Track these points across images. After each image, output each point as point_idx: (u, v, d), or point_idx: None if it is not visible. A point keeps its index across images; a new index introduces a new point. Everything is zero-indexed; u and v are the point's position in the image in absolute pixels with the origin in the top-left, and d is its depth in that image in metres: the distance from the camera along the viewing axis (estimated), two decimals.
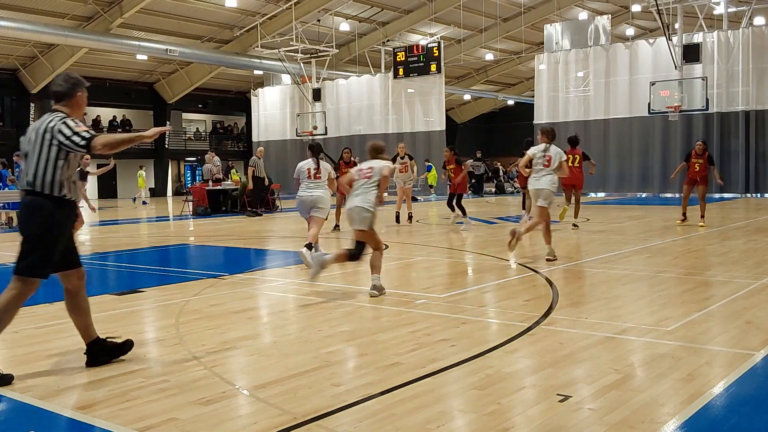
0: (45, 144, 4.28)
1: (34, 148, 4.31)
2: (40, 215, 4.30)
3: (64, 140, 4.24)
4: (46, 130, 4.29)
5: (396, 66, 32.21)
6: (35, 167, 4.27)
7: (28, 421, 3.59)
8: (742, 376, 4.07)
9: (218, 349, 4.90)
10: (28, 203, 4.34)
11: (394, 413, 3.56)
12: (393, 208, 15.73)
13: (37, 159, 4.27)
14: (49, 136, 4.27)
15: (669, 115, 24.28)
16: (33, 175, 4.27)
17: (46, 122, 4.32)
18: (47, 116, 4.38)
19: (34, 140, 4.32)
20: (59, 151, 4.27)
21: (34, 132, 4.35)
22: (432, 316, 5.81)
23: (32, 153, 4.31)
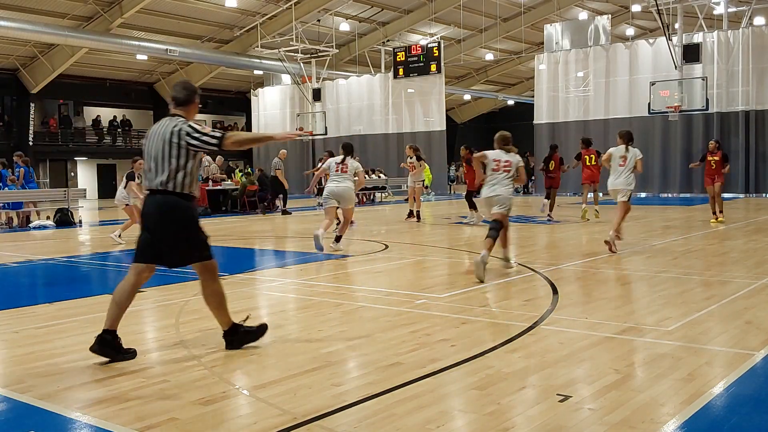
0: (174, 146, 4.62)
1: (162, 151, 4.62)
2: (178, 212, 4.66)
3: (194, 141, 4.61)
4: (173, 133, 4.63)
5: (396, 66, 32.22)
6: (168, 168, 4.60)
7: (28, 421, 3.59)
8: (742, 376, 4.07)
9: (218, 349, 4.90)
10: (163, 202, 4.64)
11: (394, 413, 3.56)
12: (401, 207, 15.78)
13: (168, 161, 4.60)
14: (176, 139, 4.61)
15: (669, 115, 24.28)
16: (166, 176, 4.60)
17: (170, 126, 4.67)
18: (168, 120, 4.75)
19: (161, 144, 4.64)
20: (188, 153, 4.62)
21: (159, 136, 4.68)
22: (432, 316, 5.81)
23: (161, 155, 4.62)
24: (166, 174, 4.61)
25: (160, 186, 4.62)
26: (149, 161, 4.72)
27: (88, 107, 37.88)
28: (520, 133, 53.07)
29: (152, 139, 4.72)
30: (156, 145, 4.67)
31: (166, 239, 4.67)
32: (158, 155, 4.65)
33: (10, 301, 7.20)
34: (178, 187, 4.63)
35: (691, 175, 25.45)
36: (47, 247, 12.64)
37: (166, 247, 4.70)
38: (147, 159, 4.75)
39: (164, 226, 4.67)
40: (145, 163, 4.77)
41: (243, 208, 21.17)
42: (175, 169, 4.61)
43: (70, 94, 35.72)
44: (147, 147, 4.75)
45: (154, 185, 4.65)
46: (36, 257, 11.02)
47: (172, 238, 4.67)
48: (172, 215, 4.66)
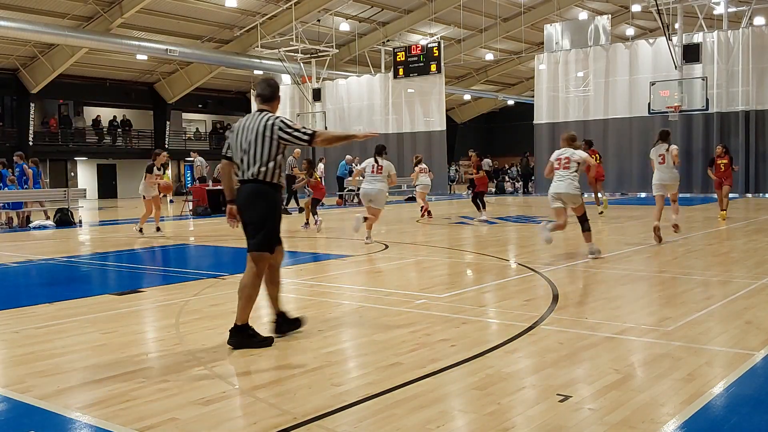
0: (266, 139, 4.89)
1: (254, 143, 4.89)
2: (265, 200, 4.94)
3: (285, 136, 4.89)
4: (266, 127, 4.90)
5: (396, 66, 32.21)
6: (259, 159, 4.87)
7: (28, 421, 3.59)
8: (742, 376, 4.07)
9: (218, 349, 4.90)
10: (253, 191, 4.93)
11: (394, 413, 3.56)
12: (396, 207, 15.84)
13: (260, 152, 4.88)
14: (269, 132, 4.88)
15: (669, 115, 24.27)
16: (258, 167, 4.87)
17: (263, 120, 4.93)
18: (259, 115, 4.99)
19: (253, 137, 4.91)
20: (278, 145, 4.90)
21: (250, 129, 4.94)
22: (432, 316, 5.81)
23: (253, 147, 4.89)
24: (258, 164, 4.88)
25: (252, 176, 4.89)
26: (240, 153, 4.96)
27: (88, 107, 37.88)
28: (520, 133, 52.92)
29: (242, 132, 4.98)
30: (248, 138, 4.93)
31: (253, 223, 4.95)
32: (250, 147, 4.90)
33: (10, 301, 7.20)
34: (268, 176, 4.90)
35: (691, 175, 25.46)
36: (47, 247, 12.65)
37: (251, 230, 4.95)
38: (237, 151, 4.99)
39: (252, 211, 4.95)
40: (236, 155, 5.01)
41: None
42: (267, 160, 4.88)
43: (70, 94, 35.72)
44: (237, 140, 4.99)
45: (247, 175, 4.91)
46: (36, 257, 11.02)
47: (257, 223, 4.94)
48: (260, 201, 4.94)
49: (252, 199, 4.94)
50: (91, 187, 36.57)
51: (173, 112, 38.77)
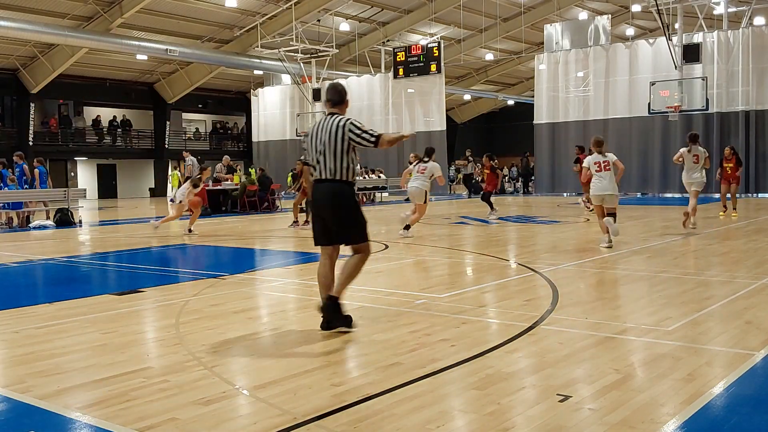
0: (339, 140, 5.22)
1: (328, 144, 5.22)
2: (345, 197, 5.31)
3: (356, 138, 5.22)
4: (338, 128, 5.23)
5: (396, 66, 32.21)
6: (335, 159, 5.22)
7: (28, 421, 3.59)
8: (742, 376, 4.07)
9: (218, 349, 4.90)
10: (332, 190, 5.28)
11: (394, 413, 3.56)
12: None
13: (334, 152, 5.21)
14: (341, 133, 5.21)
15: (669, 115, 24.28)
16: (333, 166, 5.23)
17: (335, 122, 5.27)
18: (330, 117, 5.33)
19: (327, 138, 5.24)
20: (350, 146, 5.22)
21: (325, 132, 5.26)
22: (432, 316, 5.81)
23: (328, 148, 5.23)
24: (334, 164, 5.23)
25: (329, 175, 5.25)
26: (315, 155, 5.31)
27: (88, 107, 37.87)
28: (520, 133, 53.03)
29: (318, 135, 5.32)
30: (322, 140, 5.26)
31: (337, 220, 5.31)
32: (325, 149, 5.25)
33: (10, 301, 7.20)
34: (344, 175, 5.26)
35: None
36: (47, 247, 12.65)
37: (337, 228, 5.32)
38: (313, 153, 5.34)
39: (334, 209, 5.31)
40: (312, 157, 5.36)
41: (243, 208, 21.16)
42: (341, 160, 5.22)
43: (70, 94, 35.71)
44: (312, 143, 5.34)
45: (324, 175, 5.27)
46: (36, 257, 11.02)
47: (341, 220, 5.31)
48: (341, 200, 5.30)
49: (334, 199, 5.29)
50: (91, 187, 36.56)
51: (173, 112, 38.76)
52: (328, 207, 5.33)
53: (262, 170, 23.93)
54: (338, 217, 5.33)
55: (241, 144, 43.12)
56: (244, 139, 42.83)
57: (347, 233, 5.37)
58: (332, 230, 5.35)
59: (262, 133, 37.68)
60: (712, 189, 24.96)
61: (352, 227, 5.36)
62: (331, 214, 5.33)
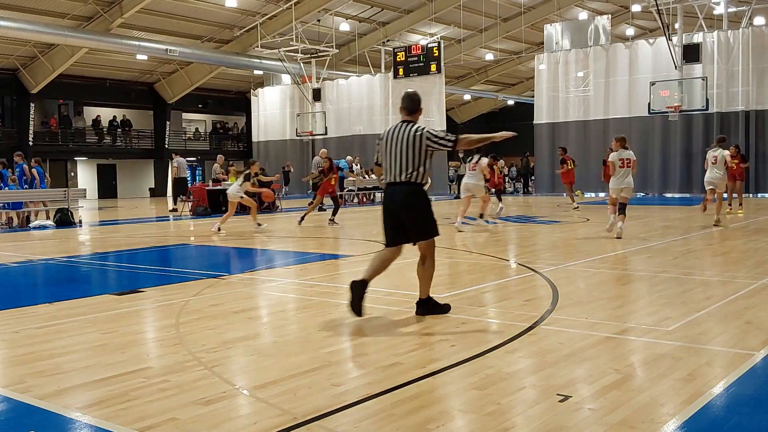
0: (416, 148, 5.62)
1: (405, 151, 5.63)
2: (420, 198, 5.72)
3: (433, 144, 5.65)
4: (416, 136, 5.64)
5: (396, 66, 32.19)
6: (411, 164, 5.63)
7: (28, 421, 3.59)
8: (742, 376, 4.07)
9: (218, 349, 4.90)
10: (409, 192, 5.68)
11: (394, 413, 3.56)
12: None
13: (411, 159, 5.62)
14: (418, 141, 5.61)
15: (669, 115, 24.27)
16: (409, 171, 5.63)
17: (411, 131, 5.68)
18: (406, 126, 5.74)
19: (404, 145, 5.64)
20: (426, 152, 5.64)
21: (400, 139, 5.67)
22: (432, 316, 5.81)
23: (404, 154, 5.62)
24: (410, 169, 5.63)
25: (404, 178, 5.64)
26: (390, 158, 5.70)
27: (88, 107, 37.88)
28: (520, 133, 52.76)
29: (391, 141, 5.72)
30: (398, 146, 5.66)
31: (411, 220, 5.69)
32: (401, 154, 5.64)
33: (10, 301, 7.20)
34: (418, 178, 5.67)
35: (691, 175, 25.47)
36: (47, 247, 12.65)
37: (411, 227, 5.72)
38: (387, 157, 5.73)
39: (409, 209, 5.69)
40: (386, 161, 5.75)
41: (243, 208, 21.12)
42: (417, 165, 5.63)
43: (70, 94, 35.72)
44: (387, 147, 5.74)
45: (399, 178, 5.66)
46: (36, 257, 11.02)
47: (415, 219, 5.70)
48: (416, 200, 5.69)
49: (410, 200, 5.69)
50: (91, 187, 36.57)
51: (173, 112, 38.77)
52: (402, 208, 5.71)
53: (262, 170, 23.90)
54: (413, 218, 5.72)
55: (241, 144, 43.13)
56: (244, 139, 42.83)
57: (422, 231, 5.77)
58: (408, 229, 5.75)
59: (262, 133, 37.68)
60: None
61: (426, 226, 5.78)
62: (406, 214, 5.71)
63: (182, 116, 41.34)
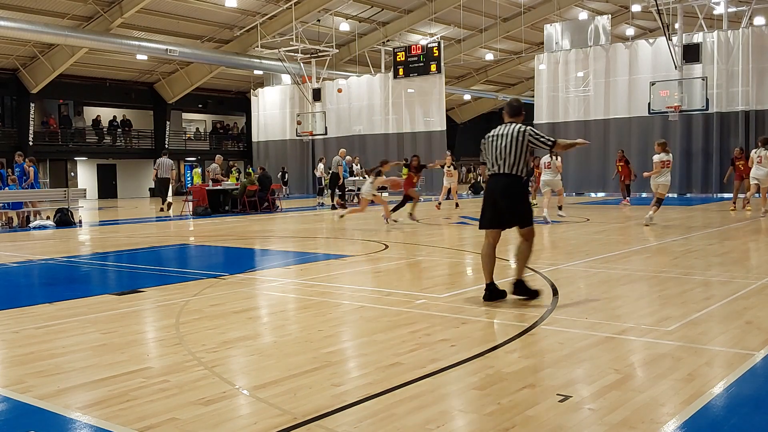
0: (520, 144, 6.28)
1: (510, 147, 6.29)
2: (521, 189, 6.43)
3: (535, 141, 6.35)
4: (519, 133, 6.32)
5: (396, 66, 32.20)
6: (515, 160, 6.29)
7: (28, 421, 3.59)
8: (742, 376, 4.06)
9: (218, 349, 4.90)
10: (510, 183, 6.33)
11: (394, 413, 3.56)
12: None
13: (516, 154, 6.28)
14: (521, 138, 6.29)
15: (669, 115, 24.27)
16: (512, 165, 6.29)
17: (516, 129, 6.35)
18: (510, 126, 6.42)
19: (508, 142, 6.31)
20: (527, 148, 6.32)
21: (506, 137, 6.34)
22: (432, 316, 5.81)
23: (508, 150, 6.29)
24: (512, 163, 6.28)
25: (507, 170, 6.29)
26: (495, 153, 6.37)
27: (88, 107, 37.89)
28: None
29: (497, 139, 6.41)
30: (504, 143, 6.33)
31: (511, 208, 6.33)
32: (505, 150, 6.31)
33: (10, 301, 7.20)
34: (519, 172, 6.31)
35: (691, 175, 25.47)
36: (47, 247, 12.65)
37: (509, 214, 6.35)
38: (492, 152, 6.39)
39: (510, 199, 6.35)
40: (491, 156, 6.40)
41: (243, 208, 21.16)
42: (519, 160, 6.29)
43: (70, 94, 35.73)
44: (493, 144, 6.41)
45: (503, 170, 6.31)
46: (36, 257, 11.02)
47: (514, 207, 6.34)
48: (517, 191, 6.38)
49: (510, 190, 6.35)
50: (91, 187, 36.57)
51: (173, 112, 38.78)
52: (503, 196, 6.36)
53: (263, 169, 23.93)
54: (511, 205, 6.35)
55: (241, 144, 43.14)
56: (244, 139, 42.84)
57: (517, 218, 6.37)
58: (504, 216, 6.35)
59: (262, 133, 37.68)
60: (708, 189, 25.02)
61: (521, 213, 6.37)
62: (505, 202, 6.34)
63: (182, 116, 41.35)
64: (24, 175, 17.94)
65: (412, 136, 32.25)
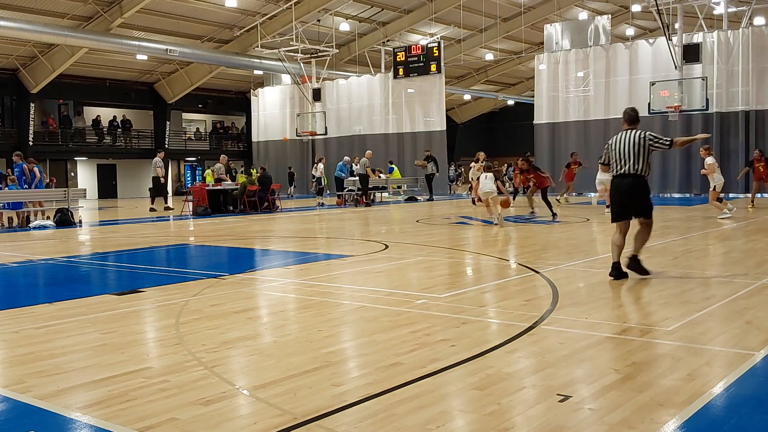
0: (642, 148, 7.41)
1: (633, 151, 7.40)
2: (643, 186, 7.54)
3: (656, 144, 7.46)
4: (641, 138, 7.44)
5: (396, 66, 32.20)
6: (637, 161, 7.39)
7: (28, 421, 3.59)
8: (742, 376, 4.06)
9: (218, 349, 4.90)
10: (636, 183, 7.46)
11: (394, 413, 3.56)
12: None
13: (638, 157, 7.39)
14: (642, 143, 7.41)
15: (669, 115, 24.27)
16: (637, 166, 7.40)
17: (637, 135, 7.49)
18: (631, 132, 7.55)
19: (630, 146, 7.43)
20: (648, 151, 7.43)
21: (628, 141, 7.47)
22: (432, 316, 5.81)
23: (633, 153, 7.40)
24: (637, 164, 7.39)
25: (632, 171, 7.40)
26: (619, 156, 7.49)
27: (88, 107, 37.88)
28: (520, 133, 52.79)
29: (620, 144, 7.53)
30: (627, 147, 7.45)
31: (638, 202, 7.52)
32: (629, 154, 7.41)
33: (10, 301, 7.20)
34: (643, 172, 7.44)
35: (690, 175, 25.47)
36: (47, 247, 12.65)
37: (638, 207, 7.55)
38: (616, 156, 7.52)
39: (637, 195, 7.50)
40: (615, 159, 7.53)
41: (243, 208, 21.16)
42: (643, 161, 7.40)
43: (70, 94, 35.72)
44: (617, 148, 7.53)
45: (628, 171, 7.42)
46: (36, 257, 11.02)
47: (640, 201, 7.52)
48: (643, 188, 7.54)
49: (638, 188, 7.49)
50: (91, 187, 36.57)
51: (173, 112, 38.79)
52: (631, 194, 7.48)
53: (263, 169, 23.93)
54: (638, 200, 7.51)
55: (241, 144, 43.14)
56: (244, 139, 42.84)
57: (643, 210, 7.55)
58: (631, 209, 7.53)
59: (261, 133, 37.68)
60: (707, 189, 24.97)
61: (644, 206, 7.55)
62: (632, 198, 7.49)
63: (182, 116, 41.35)
64: (23, 175, 17.93)
65: (412, 136, 32.25)
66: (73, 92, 35.67)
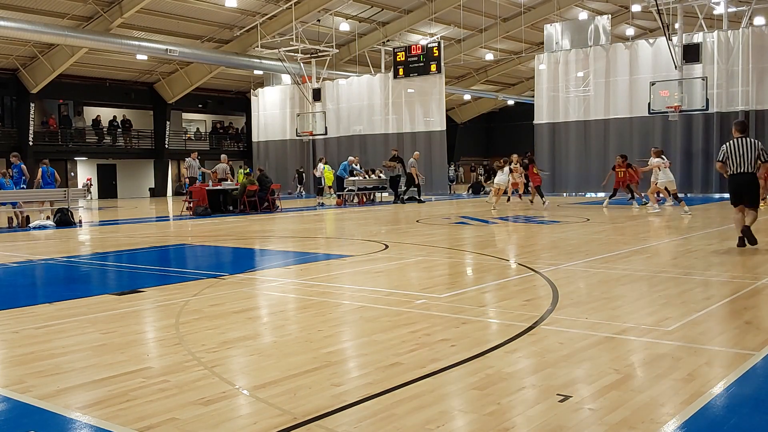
0: (755, 152, 9.51)
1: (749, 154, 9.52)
2: (755, 182, 9.65)
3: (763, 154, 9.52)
4: (755, 144, 9.60)
5: (396, 66, 32.20)
6: (751, 161, 9.51)
7: (28, 421, 3.59)
8: (742, 376, 4.06)
9: (218, 349, 4.90)
10: (751, 179, 9.60)
11: (394, 413, 3.56)
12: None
13: (754, 160, 9.52)
14: (756, 149, 9.55)
15: (669, 115, 24.26)
16: (750, 166, 9.51)
17: (753, 142, 9.66)
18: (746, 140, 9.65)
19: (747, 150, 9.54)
20: (760, 155, 9.54)
21: (745, 147, 9.55)
22: (432, 316, 5.81)
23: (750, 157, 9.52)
24: (750, 164, 9.50)
25: (747, 170, 9.51)
26: (738, 158, 9.54)
27: (88, 107, 37.88)
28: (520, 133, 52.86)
29: (738, 148, 9.57)
30: (744, 152, 9.53)
31: (749, 193, 9.67)
32: (744, 156, 9.51)
33: (10, 301, 7.20)
34: (754, 170, 9.54)
35: (691, 175, 25.46)
36: (47, 247, 12.65)
37: (748, 197, 9.67)
38: (735, 158, 9.55)
39: (750, 187, 9.65)
40: (734, 160, 9.55)
41: (243, 208, 21.16)
42: (755, 163, 9.53)
43: (70, 94, 35.72)
44: (737, 152, 9.56)
45: (744, 170, 9.53)
46: (36, 257, 11.02)
47: (752, 193, 9.70)
48: (754, 183, 9.67)
49: (751, 184, 9.63)
50: (92, 186, 36.55)
51: (173, 112, 38.78)
52: (746, 187, 9.63)
53: (261, 170, 23.93)
54: (751, 192, 9.67)
55: (241, 144, 43.13)
56: (244, 139, 42.83)
57: (753, 200, 9.74)
58: (745, 198, 9.64)
59: (262, 133, 37.68)
60: (708, 189, 25.00)
61: (756, 197, 9.79)
62: (748, 190, 9.63)
63: (182, 116, 41.34)
64: (22, 175, 17.92)
65: (412, 136, 32.25)
66: (73, 92, 35.66)
